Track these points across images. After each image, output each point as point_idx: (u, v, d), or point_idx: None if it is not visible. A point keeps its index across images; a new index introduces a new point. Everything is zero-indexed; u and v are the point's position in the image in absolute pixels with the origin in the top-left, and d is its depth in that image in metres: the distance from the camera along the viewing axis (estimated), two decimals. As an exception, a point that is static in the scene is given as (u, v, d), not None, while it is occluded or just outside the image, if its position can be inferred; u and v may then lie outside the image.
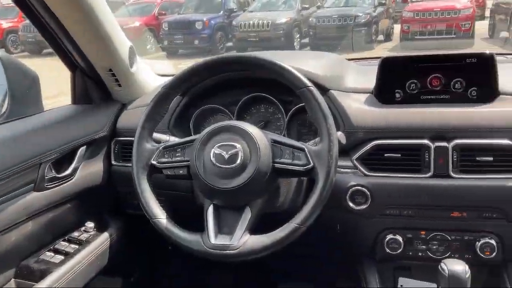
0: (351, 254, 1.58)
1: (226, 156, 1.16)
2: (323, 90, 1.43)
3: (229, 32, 12.23)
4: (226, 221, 1.20)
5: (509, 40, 9.80)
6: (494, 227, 1.33)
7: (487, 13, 12.79)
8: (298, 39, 11.75)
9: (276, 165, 1.18)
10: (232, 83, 1.57)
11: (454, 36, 10.03)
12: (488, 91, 1.35)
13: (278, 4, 12.54)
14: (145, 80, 1.78)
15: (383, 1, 11.84)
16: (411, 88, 1.40)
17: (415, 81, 1.39)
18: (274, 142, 1.20)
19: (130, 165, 1.28)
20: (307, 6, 12.39)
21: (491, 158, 1.29)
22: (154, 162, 1.26)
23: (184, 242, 1.19)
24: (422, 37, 10.20)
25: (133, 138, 1.29)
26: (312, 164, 1.15)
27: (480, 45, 9.86)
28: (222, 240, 1.15)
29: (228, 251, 1.13)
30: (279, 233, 1.13)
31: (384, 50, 10.43)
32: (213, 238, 1.16)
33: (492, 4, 12.17)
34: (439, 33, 10.12)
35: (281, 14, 11.74)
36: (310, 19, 11.40)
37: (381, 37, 11.61)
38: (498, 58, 1.38)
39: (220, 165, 1.16)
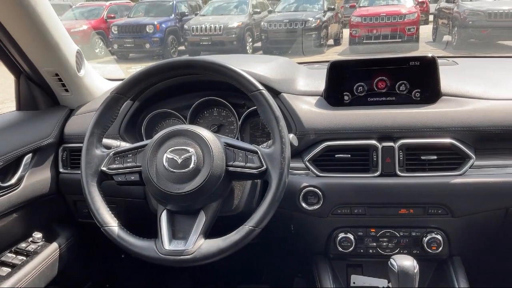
0: (305, 253, 1.61)
1: (179, 161, 1.15)
2: (275, 93, 1.45)
3: (181, 35, 12.13)
4: (180, 226, 1.19)
5: (450, 44, 10.29)
6: (439, 223, 1.39)
7: (431, 18, 13.35)
8: (251, 43, 11.83)
9: (230, 168, 1.18)
10: (184, 87, 1.56)
11: (400, 40, 10.40)
12: (431, 92, 1.41)
13: (230, 8, 12.57)
14: (94, 84, 1.74)
15: (332, 6, 12.12)
16: (358, 90, 1.44)
17: (362, 84, 1.44)
18: (227, 145, 1.20)
19: (79, 172, 1.24)
20: (258, 10, 12.50)
21: (434, 157, 1.34)
22: (104, 169, 1.24)
23: (137, 249, 1.16)
24: (370, 41, 10.53)
25: (81, 145, 1.26)
26: (265, 166, 1.16)
27: (424, 49, 10.28)
28: (177, 246, 1.14)
29: (182, 257, 1.12)
30: (234, 236, 1.13)
31: (334, 54, 10.68)
32: (167, 244, 1.15)
33: (435, 9, 12.74)
34: (386, 37, 10.48)
35: (233, 18, 11.78)
36: (262, 24, 11.50)
37: (331, 41, 11.90)
38: (440, 61, 1.45)
39: (173, 170, 1.15)
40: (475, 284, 1.44)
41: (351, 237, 1.43)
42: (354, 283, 1.46)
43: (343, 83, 1.45)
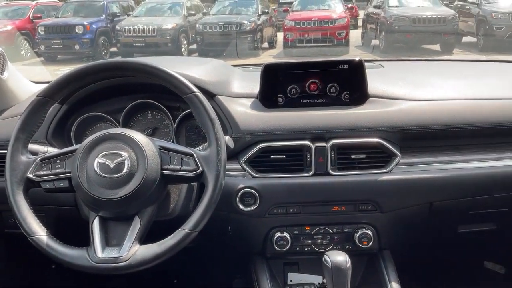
0: (243, 254, 1.62)
1: (112, 165, 1.12)
2: (210, 95, 1.45)
3: (112, 37, 11.77)
4: (114, 232, 1.16)
5: (378, 47, 10.78)
6: (369, 219, 1.46)
7: (360, 23, 13.90)
8: (186, 45, 11.71)
9: (165, 171, 1.16)
10: (116, 90, 1.52)
11: (332, 44, 10.75)
12: (359, 94, 1.47)
13: (163, 9, 12.38)
14: (18, 87, 1.65)
15: (266, 10, 12.31)
16: (292, 92, 1.48)
17: (295, 86, 1.47)
18: (162, 148, 1.18)
19: (3, 180, 1.18)
20: (193, 12, 12.41)
21: (363, 156, 1.41)
22: (30, 176, 1.18)
23: (68, 259, 1.12)
24: (303, 45, 10.78)
25: (5, 151, 1.19)
26: (201, 169, 1.16)
27: (354, 52, 10.68)
28: (110, 253, 1.11)
29: (117, 264, 1.09)
30: (170, 241, 1.12)
31: (269, 57, 10.83)
32: (100, 252, 1.11)
33: (364, 14, 13.28)
34: (318, 41, 10.78)
35: (167, 20, 11.61)
36: (197, 26, 11.44)
37: (266, 45, 12.07)
38: (367, 64, 1.52)
39: (105, 175, 1.12)
40: (404, 275, 1.52)
41: (287, 236, 1.46)
42: (291, 281, 1.49)
43: (277, 86, 1.48)
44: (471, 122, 1.43)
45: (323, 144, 1.40)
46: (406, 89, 1.51)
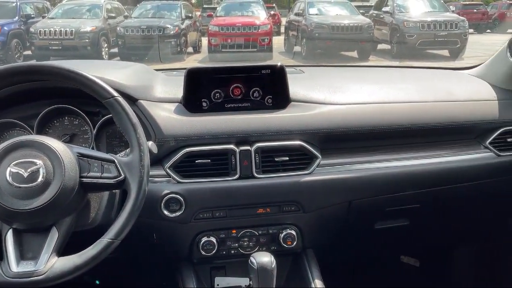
0: (169, 261, 1.60)
1: (25, 174, 1.06)
2: (132, 100, 1.42)
3: (26, 39, 11.10)
4: (30, 245, 1.09)
5: (299, 54, 11.12)
6: (293, 219, 1.50)
7: (283, 30, 14.26)
8: (107, 49, 11.32)
9: (84, 179, 1.12)
10: (30, 95, 1.43)
11: (255, 49, 10.92)
12: (281, 98, 1.51)
13: (82, 11, 11.89)
14: None
15: (190, 15, 12.25)
16: (216, 97, 1.48)
17: (219, 90, 1.48)
18: (81, 155, 1.14)
19: None
20: (113, 15, 12.03)
21: (286, 158, 1.44)
22: None
23: None
24: (227, 50, 10.85)
25: None
26: (123, 175, 1.13)
27: (278, 58, 10.93)
28: (26, 267, 1.05)
29: (33, 278, 1.03)
30: (91, 251, 1.08)
31: (195, 61, 10.78)
32: (15, 266, 1.05)
33: (286, 22, 13.64)
34: (243, 47, 10.91)
35: (86, 22, 11.16)
36: (118, 29, 11.11)
37: (190, 49, 11.99)
38: (288, 69, 1.56)
39: (18, 185, 1.05)
40: (327, 272, 1.57)
41: (214, 240, 1.46)
42: (218, 285, 1.49)
43: (201, 90, 1.48)
44: (384, 124, 1.52)
45: (248, 147, 1.42)
46: (325, 94, 1.57)
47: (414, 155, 1.57)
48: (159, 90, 1.52)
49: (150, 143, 1.23)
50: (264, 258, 1.29)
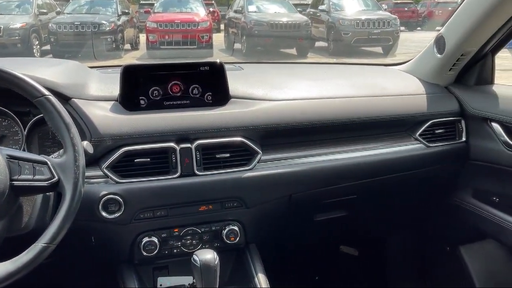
0: (109, 263, 1.56)
1: (-51, 179, 0.99)
2: (64, 99, 1.37)
3: None
4: None
5: (240, 51, 11.16)
6: (235, 215, 1.51)
7: (223, 27, 14.24)
8: (38, 46, 10.79)
9: (15, 183, 1.07)
10: None
11: (196, 46, 10.83)
12: (220, 95, 1.51)
13: (10, 7, 11.24)
14: None
15: (127, 11, 11.93)
16: (154, 94, 1.46)
17: (158, 88, 1.46)
18: (10, 157, 1.08)
19: None
20: (45, 11, 11.48)
21: (228, 155, 1.45)
22: None
23: None
24: (167, 47, 10.69)
25: None
26: (57, 177, 1.08)
27: (218, 55, 10.92)
28: None
29: None
30: (24, 257, 1.03)
31: (133, 59, 10.53)
32: None
33: (226, 19, 13.63)
34: (182, 43, 10.79)
35: (15, 19, 10.57)
36: (50, 25, 10.61)
37: (128, 46, 11.69)
38: (227, 66, 1.56)
39: None
40: (270, 266, 1.60)
41: (155, 240, 1.44)
42: (161, 285, 1.47)
43: (138, 88, 1.45)
44: (322, 119, 1.56)
45: (188, 145, 1.41)
46: (264, 90, 1.59)
47: (350, 148, 1.62)
48: (94, 88, 1.48)
49: (85, 143, 1.19)
50: (207, 256, 1.29)
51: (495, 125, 1.64)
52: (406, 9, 18.46)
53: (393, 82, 1.82)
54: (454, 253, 1.90)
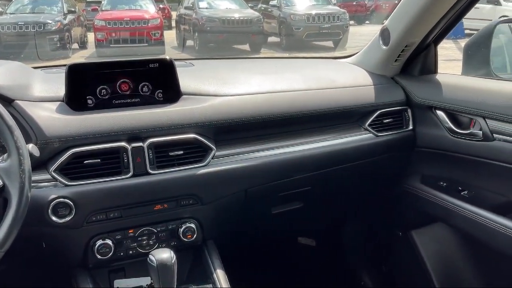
0: (62, 268, 1.51)
1: None
2: (7, 101, 1.31)
3: None
4: None
5: (193, 48, 11.07)
6: (192, 212, 1.50)
7: (174, 24, 14.07)
8: (-20, 48, 10.31)
9: None
10: None
11: (147, 44, 10.66)
12: (171, 92, 1.49)
13: None
14: None
15: (73, 9, 11.59)
16: (102, 93, 1.42)
17: (105, 86, 1.42)
18: None
19: None
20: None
21: (181, 152, 1.43)
22: None
23: None
24: (117, 45, 10.47)
25: None
26: (1, 182, 1.04)
27: (170, 52, 10.79)
28: None
29: None
30: None
31: (81, 58, 10.25)
32: None
33: (176, 15, 13.46)
34: (133, 41, 10.60)
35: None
36: (-9, 26, 10.17)
37: (75, 45, 11.35)
38: (178, 63, 1.55)
39: None
40: (229, 261, 1.60)
41: (110, 242, 1.40)
42: None
43: (85, 87, 1.41)
44: (274, 113, 1.58)
45: (140, 144, 1.39)
46: (216, 86, 1.58)
47: (303, 140, 1.65)
48: (38, 88, 1.42)
49: (31, 145, 1.15)
50: (163, 255, 1.27)
51: (440, 113, 1.71)
52: (354, 3, 18.88)
53: (342, 75, 1.86)
54: (406, 237, 1.97)
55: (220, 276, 1.51)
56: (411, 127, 1.81)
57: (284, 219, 1.88)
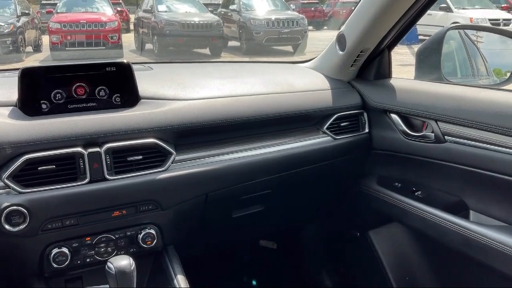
0: (17, 278, 1.46)
1: None
2: None
3: None
4: None
5: (152, 51, 10.94)
6: (151, 218, 1.48)
7: (132, 27, 13.86)
8: None
9: None
10: None
11: (104, 47, 10.45)
12: (129, 96, 1.47)
13: None
14: None
15: (27, 11, 11.22)
16: (57, 98, 1.38)
17: (60, 91, 1.38)
18: None
19: None
20: None
21: (140, 157, 1.42)
22: None
23: None
24: (73, 48, 10.22)
25: None
26: None
27: (129, 56, 10.62)
28: None
29: None
30: None
31: (36, 61, 9.93)
32: None
33: (135, 18, 13.28)
34: (89, 45, 10.38)
35: None
36: None
37: (29, 48, 11.00)
38: (136, 66, 1.53)
39: None
40: (190, 267, 1.59)
41: (66, 250, 1.37)
42: None
43: (39, 91, 1.37)
44: (233, 117, 1.58)
45: (97, 149, 1.36)
46: (175, 90, 1.57)
47: (263, 144, 1.66)
48: None
49: (-19, 152, 1.10)
50: (122, 262, 1.25)
51: (394, 116, 1.77)
52: (312, 8, 19.23)
53: (301, 79, 1.89)
54: (363, 237, 2.02)
55: (181, 281, 1.49)
56: (367, 130, 1.86)
57: (245, 222, 1.89)
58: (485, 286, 1.58)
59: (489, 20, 13.73)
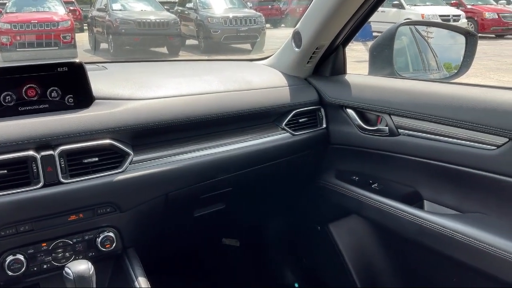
0: None
1: None
2: None
3: None
4: None
5: (107, 50, 10.70)
6: (110, 221, 1.45)
7: (86, 26, 13.52)
8: None
9: None
10: None
11: (57, 47, 10.15)
12: (83, 97, 1.43)
13: None
14: None
15: (-28, 10, 10.73)
16: (6, 100, 1.34)
17: (10, 93, 1.34)
18: None
19: None
20: None
21: (96, 159, 1.38)
22: None
23: None
24: (23, 49, 9.88)
25: None
26: None
27: (83, 56, 10.35)
28: None
29: None
30: None
31: (-17, 63, 9.50)
32: None
33: (89, 18, 12.94)
34: (40, 45, 10.06)
35: None
36: None
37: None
38: (89, 66, 1.49)
39: None
40: (151, 268, 1.57)
41: (21, 257, 1.32)
42: None
43: None
44: (192, 115, 1.57)
45: (50, 152, 1.32)
46: (130, 89, 1.55)
47: (222, 142, 1.66)
48: None
49: None
50: (80, 267, 1.23)
51: (350, 111, 1.81)
52: (269, 6, 19.34)
53: (258, 76, 1.90)
54: (324, 231, 2.05)
55: (142, 284, 1.47)
56: (324, 125, 1.89)
57: (207, 221, 1.88)
58: (439, 273, 1.65)
59: (440, 16, 14.27)
